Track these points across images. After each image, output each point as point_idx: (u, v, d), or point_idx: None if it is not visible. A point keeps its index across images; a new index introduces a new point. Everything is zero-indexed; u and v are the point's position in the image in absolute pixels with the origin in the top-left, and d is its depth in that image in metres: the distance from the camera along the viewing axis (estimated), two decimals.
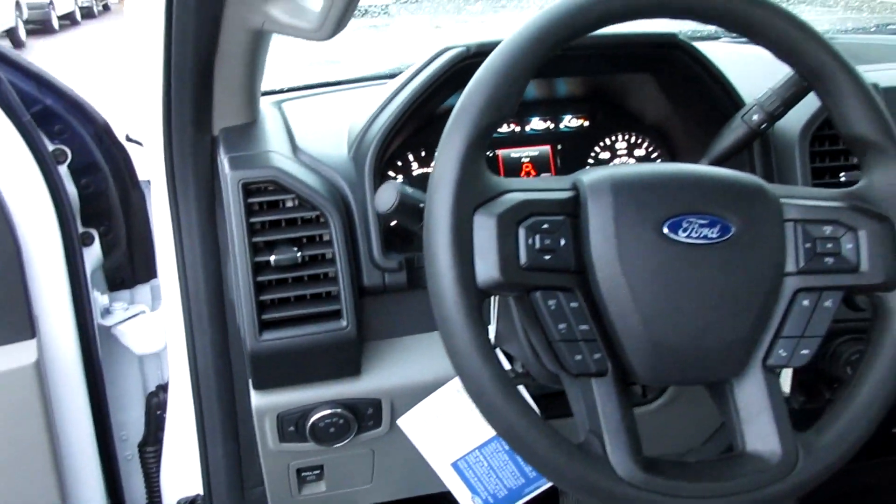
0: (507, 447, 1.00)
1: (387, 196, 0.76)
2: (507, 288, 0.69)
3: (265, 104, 1.15)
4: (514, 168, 1.16)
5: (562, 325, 0.70)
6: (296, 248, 0.89)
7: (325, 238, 0.91)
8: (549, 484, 1.04)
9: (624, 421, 0.71)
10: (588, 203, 0.72)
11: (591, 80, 1.14)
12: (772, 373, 0.75)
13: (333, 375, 0.94)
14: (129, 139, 1.14)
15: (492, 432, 0.98)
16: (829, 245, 0.76)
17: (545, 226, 0.70)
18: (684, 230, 0.72)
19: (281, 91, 1.32)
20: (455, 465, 0.98)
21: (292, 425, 0.95)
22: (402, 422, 0.93)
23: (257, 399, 0.94)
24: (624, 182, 0.73)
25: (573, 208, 0.73)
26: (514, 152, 1.16)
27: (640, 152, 1.20)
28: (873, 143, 0.78)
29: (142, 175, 1.17)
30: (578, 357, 0.70)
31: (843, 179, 1.02)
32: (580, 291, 0.71)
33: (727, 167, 1.03)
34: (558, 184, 0.75)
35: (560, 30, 0.71)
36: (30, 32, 10.43)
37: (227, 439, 1.13)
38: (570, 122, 1.18)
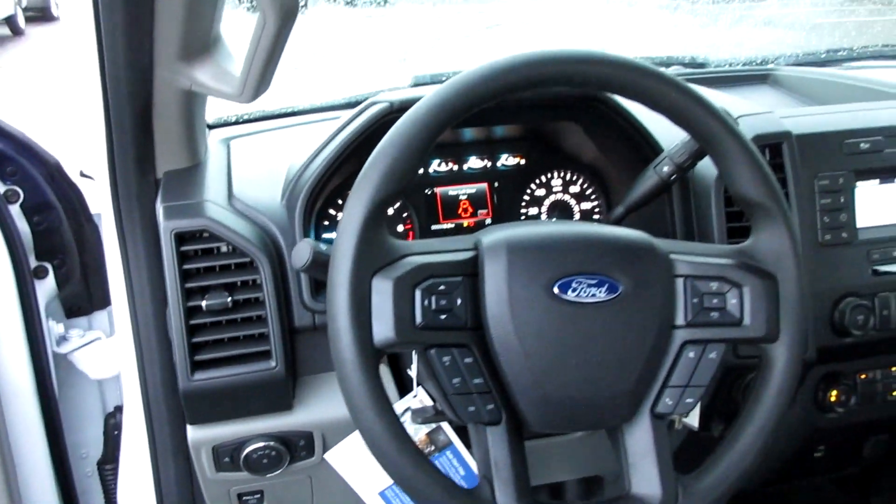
0: None
1: (300, 254, 0.81)
2: (404, 346, 0.74)
3: (214, 141, 1.20)
4: (451, 205, 1.21)
5: (456, 380, 0.75)
6: (227, 293, 0.95)
7: (257, 282, 0.96)
8: None
9: (514, 467, 0.76)
10: (485, 263, 0.77)
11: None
12: (659, 419, 0.81)
13: (265, 410, 1.00)
14: (82, 175, 1.19)
15: None
16: (715, 300, 0.81)
17: (442, 287, 0.75)
18: (574, 290, 0.77)
19: (237, 122, 1.37)
20: (382, 494, 1.03)
21: (227, 456, 1.01)
22: (329, 456, 0.99)
23: (192, 433, 0.99)
24: (518, 244, 0.78)
25: (473, 268, 0.78)
26: (452, 190, 1.21)
27: (574, 189, 1.25)
28: (760, 205, 0.83)
29: (94, 209, 1.22)
30: (471, 408, 0.76)
31: None
32: (476, 347, 0.76)
33: (646, 212, 1.09)
34: (461, 244, 0.80)
35: (456, 105, 0.75)
36: (29, 20, 10.39)
37: (178, 461, 1.19)
38: (506, 160, 1.23)
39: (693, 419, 1.05)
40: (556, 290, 0.77)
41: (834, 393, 1.14)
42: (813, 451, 1.30)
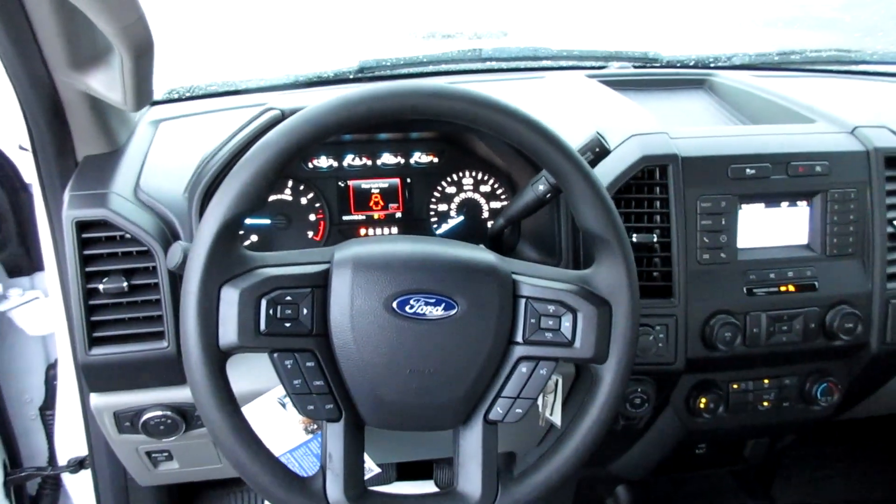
0: (315, 451, 1.16)
1: (173, 256, 0.88)
2: (247, 350, 0.83)
3: (146, 122, 1.27)
4: (363, 198, 1.28)
5: (296, 381, 0.84)
6: (124, 278, 1.03)
7: (155, 268, 1.05)
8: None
9: (346, 460, 0.85)
10: (332, 277, 0.85)
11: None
12: (491, 425, 0.89)
13: (161, 384, 1.10)
14: (21, 148, 1.27)
15: (302, 438, 1.14)
16: (551, 322, 0.88)
17: (288, 298, 0.83)
18: (411, 307, 0.85)
19: (179, 99, 1.44)
20: None
21: (128, 421, 1.11)
22: None
23: (94, 399, 1.09)
24: (363, 260, 0.85)
25: (323, 280, 0.85)
26: (365, 183, 1.28)
27: (485, 189, 1.32)
28: (602, 238, 0.89)
29: (29, 179, 1.31)
30: (310, 407, 0.85)
31: (634, 240, 1.13)
32: (319, 352, 0.85)
33: (538, 225, 1.15)
34: (316, 257, 0.87)
35: (305, 135, 0.81)
36: None
37: None
38: (420, 158, 1.30)
39: (556, 418, 1.14)
40: (394, 305, 0.84)
41: (703, 400, 1.22)
42: (694, 448, 1.38)
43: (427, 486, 1.53)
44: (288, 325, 0.83)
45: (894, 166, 1.22)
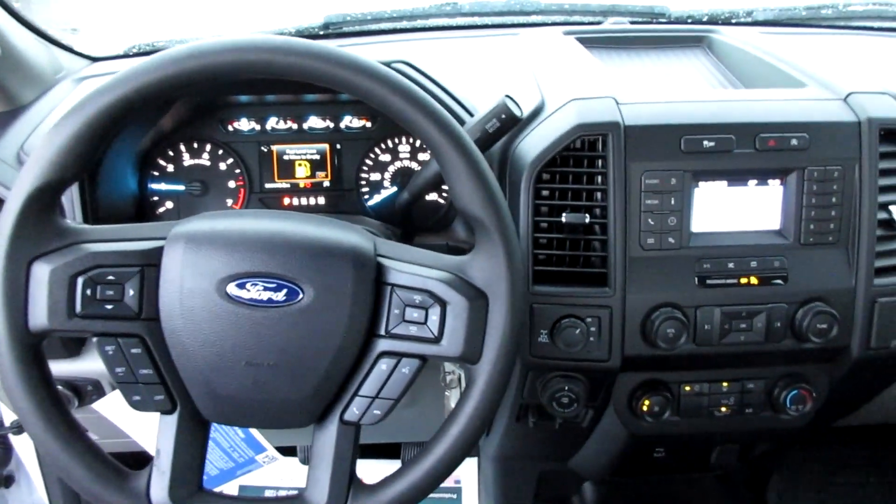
0: (233, 444, 1.09)
1: None
2: (60, 333, 0.75)
3: (70, 80, 1.21)
4: (287, 165, 1.19)
5: (119, 369, 0.76)
6: None
7: None
8: (262, 466, 1.13)
9: (176, 457, 0.77)
10: (164, 255, 0.76)
11: None
12: (347, 426, 0.79)
13: (54, 356, 1.04)
14: None
15: None
16: (416, 314, 0.77)
17: (110, 277, 0.75)
18: (247, 292, 0.75)
19: (125, 56, 1.38)
20: None
21: None
22: (98, 405, 1.03)
23: None
24: (198, 236, 0.76)
25: (157, 258, 0.76)
26: (290, 149, 1.18)
27: (423, 157, 1.20)
28: (479, 221, 0.77)
29: None
30: (136, 398, 0.77)
31: (563, 220, 0.99)
32: (150, 338, 0.76)
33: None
34: (152, 232, 0.78)
35: (126, 97, 0.71)
36: None
37: None
38: (351, 122, 1.18)
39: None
40: (228, 289, 0.75)
41: (647, 402, 1.08)
42: (651, 452, 1.24)
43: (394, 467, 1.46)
44: (109, 307, 0.75)
45: (891, 140, 1.02)
